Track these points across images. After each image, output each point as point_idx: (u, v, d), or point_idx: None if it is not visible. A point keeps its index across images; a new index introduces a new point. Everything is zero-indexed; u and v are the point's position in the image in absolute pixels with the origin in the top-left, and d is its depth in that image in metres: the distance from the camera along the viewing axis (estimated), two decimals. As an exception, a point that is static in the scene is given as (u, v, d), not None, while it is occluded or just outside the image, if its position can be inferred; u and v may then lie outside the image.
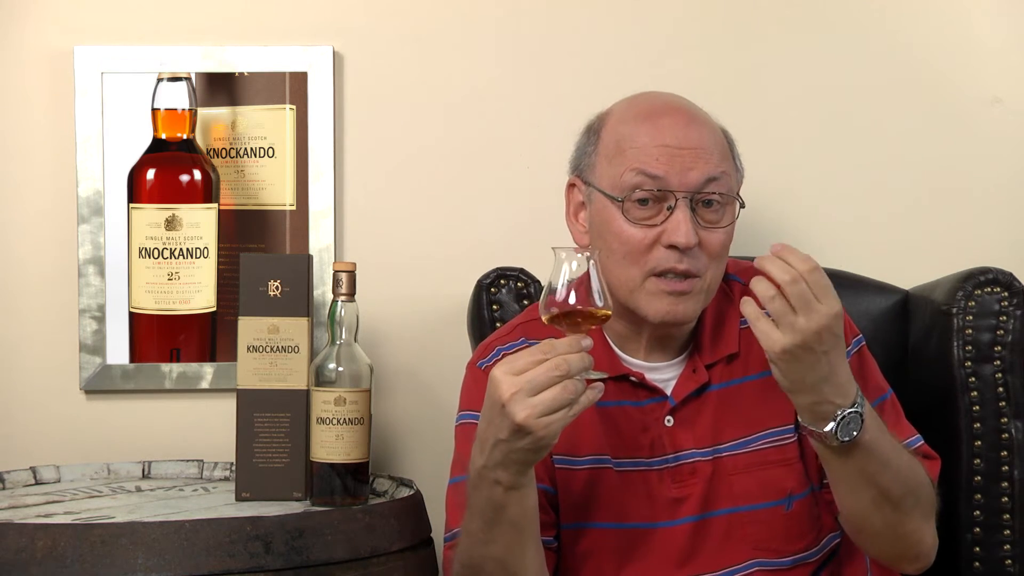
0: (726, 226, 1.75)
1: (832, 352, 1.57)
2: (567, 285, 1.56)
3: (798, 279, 1.54)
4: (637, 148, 1.74)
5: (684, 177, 1.72)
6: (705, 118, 1.79)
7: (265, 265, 2.07)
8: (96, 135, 2.30)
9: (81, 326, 2.31)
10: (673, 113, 1.77)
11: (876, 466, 1.65)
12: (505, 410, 1.51)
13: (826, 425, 1.61)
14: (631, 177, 1.73)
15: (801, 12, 2.36)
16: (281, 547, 1.76)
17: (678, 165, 1.72)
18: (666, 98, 1.82)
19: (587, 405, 1.53)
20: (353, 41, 2.34)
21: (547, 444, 1.54)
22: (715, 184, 1.74)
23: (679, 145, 1.73)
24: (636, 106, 1.80)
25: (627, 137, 1.76)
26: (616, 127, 1.78)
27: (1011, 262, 2.13)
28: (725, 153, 1.78)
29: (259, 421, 2.05)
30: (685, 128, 1.75)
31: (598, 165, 1.78)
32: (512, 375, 1.52)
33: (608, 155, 1.77)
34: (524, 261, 2.20)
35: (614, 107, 1.83)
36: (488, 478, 1.59)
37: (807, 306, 1.54)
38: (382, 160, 2.35)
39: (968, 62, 2.36)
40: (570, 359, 1.51)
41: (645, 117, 1.77)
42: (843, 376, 1.60)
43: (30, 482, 2.18)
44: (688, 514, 1.77)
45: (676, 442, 1.78)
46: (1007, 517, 2.01)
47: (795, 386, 1.60)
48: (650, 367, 1.81)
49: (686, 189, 1.72)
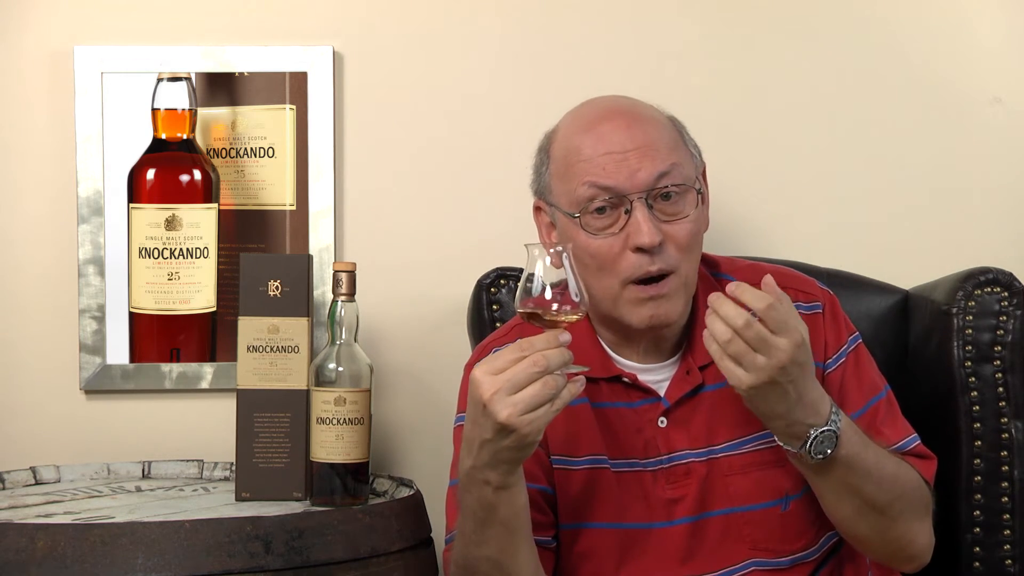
0: (688, 215, 1.74)
1: (799, 379, 1.59)
2: (541, 281, 1.56)
3: (751, 322, 1.55)
4: (584, 161, 1.74)
5: (634, 179, 1.71)
6: (648, 113, 1.79)
7: (265, 265, 2.07)
8: (96, 135, 2.30)
9: (81, 326, 2.31)
10: (613, 117, 1.76)
11: (857, 478, 1.66)
12: (487, 410, 1.52)
13: (799, 444, 1.62)
14: (584, 191, 1.73)
15: (801, 12, 2.36)
16: (281, 547, 1.76)
17: (626, 170, 1.72)
18: (606, 102, 1.81)
19: (569, 399, 1.53)
20: (353, 41, 2.34)
21: (532, 442, 1.54)
22: (667, 178, 1.73)
23: (624, 148, 1.73)
24: (579, 118, 1.80)
25: (573, 151, 1.76)
26: (562, 143, 1.79)
27: (1011, 262, 2.13)
28: (674, 143, 1.77)
29: (259, 421, 2.05)
30: (627, 130, 1.74)
31: (553, 184, 1.79)
32: (492, 374, 1.52)
33: (559, 173, 1.78)
34: (524, 261, 2.19)
35: (560, 122, 1.83)
36: (477, 479, 1.59)
37: (766, 345, 1.56)
38: (382, 160, 2.35)
39: (968, 62, 2.36)
40: (548, 355, 1.51)
41: (587, 128, 1.76)
42: (814, 397, 1.62)
43: (30, 482, 2.18)
44: (684, 515, 1.77)
45: (670, 443, 1.78)
46: (1007, 517, 2.01)
47: (766, 414, 1.63)
48: (643, 368, 1.81)
49: (639, 190, 1.71)
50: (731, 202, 2.26)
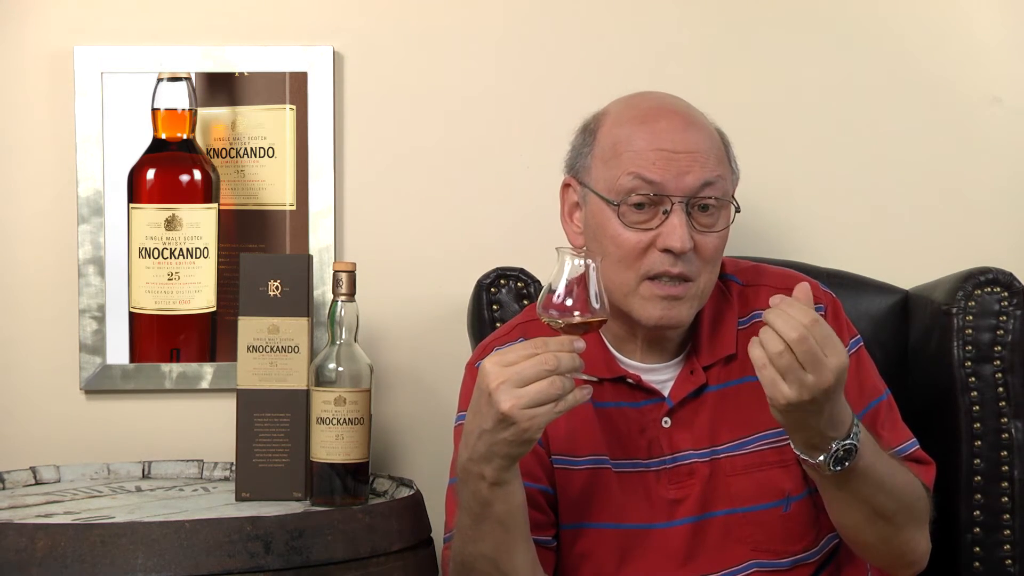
0: (721, 230, 1.75)
1: (836, 398, 1.56)
2: (566, 287, 1.56)
3: (806, 336, 1.51)
4: (634, 152, 1.73)
5: (680, 182, 1.71)
6: (702, 121, 1.79)
7: (265, 265, 2.07)
8: (96, 135, 2.31)
9: (81, 326, 2.31)
10: (670, 116, 1.76)
11: (870, 488, 1.65)
12: (491, 399, 1.52)
13: (819, 455, 1.61)
14: (628, 181, 1.72)
15: (801, 13, 2.36)
16: (281, 547, 1.76)
17: (674, 169, 1.72)
18: (663, 100, 1.81)
19: (574, 404, 1.53)
20: (353, 41, 2.34)
21: (530, 438, 1.54)
22: (711, 188, 1.73)
23: (675, 149, 1.73)
24: (633, 108, 1.79)
25: (624, 140, 1.75)
26: (612, 129, 1.77)
27: (1011, 262, 2.13)
28: (721, 156, 1.77)
29: (259, 421, 2.05)
30: (683, 132, 1.74)
31: (594, 167, 1.78)
32: (501, 366, 1.53)
33: (604, 157, 1.77)
34: (524, 261, 2.20)
35: (611, 107, 1.82)
36: (473, 472, 1.59)
37: (816, 363, 1.52)
38: (382, 160, 2.35)
39: (968, 62, 2.36)
40: (560, 356, 1.51)
41: (642, 120, 1.76)
42: (841, 412, 1.59)
43: (30, 482, 2.18)
44: (686, 515, 1.77)
45: (673, 443, 1.78)
46: (1007, 517, 2.01)
47: (792, 426, 1.60)
48: (647, 368, 1.81)
49: (682, 193, 1.71)
50: (731, 202, 2.26)
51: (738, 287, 1.85)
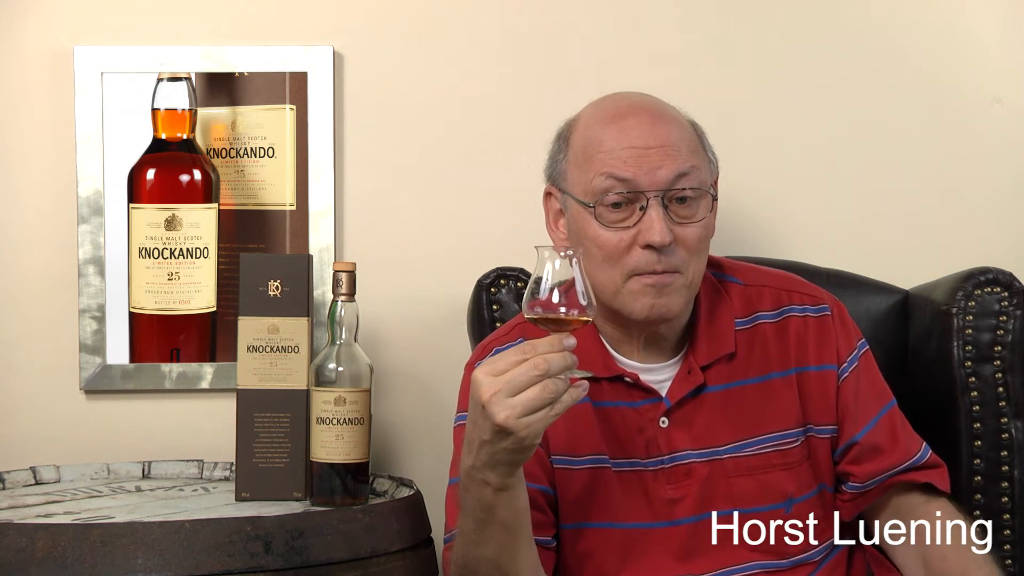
0: (701, 220, 1.74)
1: None
2: (550, 284, 1.54)
3: None
4: (604, 152, 1.74)
5: (653, 176, 1.72)
6: (672, 114, 1.79)
7: (265, 265, 2.07)
8: (96, 135, 2.30)
9: (81, 326, 2.31)
10: (638, 113, 1.76)
11: None
12: (486, 411, 1.51)
13: None
14: (601, 181, 1.73)
15: (800, 13, 2.36)
16: (281, 547, 1.76)
17: (646, 165, 1.72)
18: (631, 98, 1.81)
19: (570, 404, 1.52)
20: (353, 41, 2.34)
21: (530, 445, 1.53)
22: (685, 179, 1.73)
23: (646, 145, 1.73)
24: (602, 109, 1.80)
25: (594, 142, 1.75)
26: (584, 132, 1.78)
27: (1011, 262, 2.13)
28: (694, 147, 1.77)
29: (259, 421, 2.05)
30: (651, 127, 1.74)
31: (569, 172, 1.79)
32: (492, 375, 1.52)
33: (577, 161, 1.77)
34: (524, 261, 2.20)
35: (582, 112, 1.83)
36: (477, 479, 1.59)
37: None
38: (382, 160, 2.35)
39: (968, 62, 2.36)
40: (550, 358, 1.50)
41: (610, 120, 1.76)
42: None
43: (30, 482, 2.18)
44: (685, 515, 1.77)
45: (671, 443, 1.78)
46: (1007, 517, 2.01)
47: None
48: (645, 368, 1.81)
49: (656, 188, 1.72)
50: (731, 202, 2.26)
51: (739, 288, 1.85)
